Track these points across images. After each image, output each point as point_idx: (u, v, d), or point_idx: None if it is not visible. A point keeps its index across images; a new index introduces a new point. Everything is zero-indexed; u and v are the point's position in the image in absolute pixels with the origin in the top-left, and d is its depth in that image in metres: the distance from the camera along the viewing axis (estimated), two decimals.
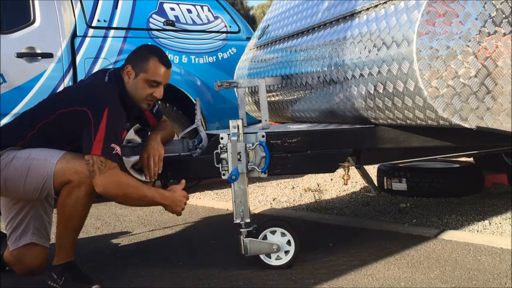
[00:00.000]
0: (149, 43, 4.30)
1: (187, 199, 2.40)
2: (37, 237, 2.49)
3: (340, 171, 2.76)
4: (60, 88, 4.05)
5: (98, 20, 4.28)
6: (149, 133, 2.63)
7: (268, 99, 3.21)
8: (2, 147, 2.33)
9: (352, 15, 2.51)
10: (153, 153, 2.44)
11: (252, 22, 21.24)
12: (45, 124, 2.35)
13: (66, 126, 2.33)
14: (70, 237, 2.29)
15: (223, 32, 4.85)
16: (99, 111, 2.22)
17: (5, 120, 3.83)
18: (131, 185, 2.25)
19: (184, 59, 4.59)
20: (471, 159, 4.50)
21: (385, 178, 3.89)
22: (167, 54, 4.40)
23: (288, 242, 2.40)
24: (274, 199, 4.11)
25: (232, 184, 2.38)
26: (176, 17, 4.62)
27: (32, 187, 2.27)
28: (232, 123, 2.36)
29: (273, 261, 2.41)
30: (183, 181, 2.42)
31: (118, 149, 2.24)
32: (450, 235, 2.79)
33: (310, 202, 3.92)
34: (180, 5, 4.67)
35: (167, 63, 2.45)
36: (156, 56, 2.42)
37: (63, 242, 2.29)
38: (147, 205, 2.51)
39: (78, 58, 4.16)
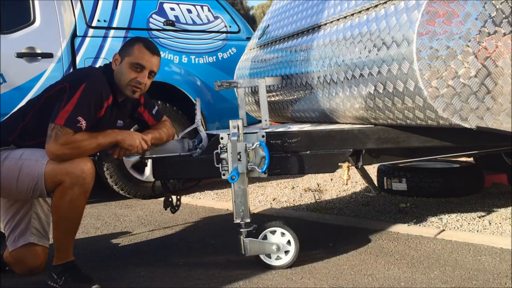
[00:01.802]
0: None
1: (144, 139, 2.41)
2: (35, 237, 2.49)
3: (340, 171, 2.76)
4: None
5: (98, 20, 4.28)
6: None
7: (268, 99, 3.21)
8: None
9: (352, 15, 2.51)
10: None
11: (252, 22, 21.23)
12: (34, 113, 2.36)
13: (52, 107, 2.31)
14: (68, 237, 2.29)
15: (223, 32, 4.84)
16: (76, 85, 2.26)
17: None
18: (84, 141, 2.23)
19: (184, 59, 4.59)
20: (471, 159, 4.50)
21: (385, 178, 3.89)
22: (167, 54, 4.48)
23: (288, 242, 2.40)
24: (274, 199, 4.11)
25: (232, 184, 2.38)
26: (176, 17, 4.62)
27: (25, 187, 2.27)
28: (232, 123, 2.36)
29: (273, 261, 2.41)
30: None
31: (83, 123, 2.23)
32: (450, 235, 2.79)
33: (310, 202, 3.92)
34: (180, 5, 4.67)
35: (152, 49, 2.46)
36: (141, 42, 2.46)
37: (61, 243, 2.29)
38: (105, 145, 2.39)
39: (78, 58, 4.15)
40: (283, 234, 2.41)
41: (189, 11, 4.71)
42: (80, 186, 2.21)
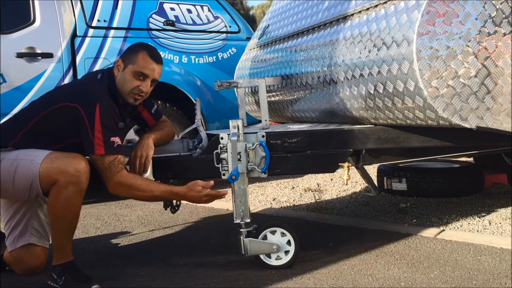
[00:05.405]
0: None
1: (207, 191, 2.38)
2: (35, 238, 2.49)
3: (340, 171, 2.76)
4: None
5: (98, 20, 4.28)
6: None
7: (268, 99, 3.21)
8: None
9: (352, 15, 2.51)
10: (140, 154, 2.44)
11: (252, 22, 21.22)
12: (37, 122, 2.35)
13: (57, 122, 2.34)
14: (65, 237, 2.29)
15: (223, 32, 4.84)
16: (91, 109, 2.26)
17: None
18: (139, 188, 2.32)
19: (184, 59, 4.59)
20: (471, 159, 4.50)
21: (385, 178, 3.89)
22: (167, 54, 4.48)
23: (288, 242, 2.40)
24: (274, 199, 4.11)
25: (232, 184, 2.38)
26: (176, 17, 4.62)
27: (21, 187, 2.27)
28: (232, 123, 2.36)
29: (273, 261, 2.41)
30: (211, 183, 2.42)
31: (117, 140, 2.30)
32: (450, 235, 2.79)
33: (310, 202, 3.92)
34: (180, 5, 4.67)
35: (156, 58, 2.46)
36: (146, 50, 2.45)
37: (59, 242, 2.29)
38: (161, 200, 2.52)
39: (78, 58, 4.15)
40: (283, 234, 2.41)
41: (189, 11, 4.71)
42: (75, 185, 2.21)
